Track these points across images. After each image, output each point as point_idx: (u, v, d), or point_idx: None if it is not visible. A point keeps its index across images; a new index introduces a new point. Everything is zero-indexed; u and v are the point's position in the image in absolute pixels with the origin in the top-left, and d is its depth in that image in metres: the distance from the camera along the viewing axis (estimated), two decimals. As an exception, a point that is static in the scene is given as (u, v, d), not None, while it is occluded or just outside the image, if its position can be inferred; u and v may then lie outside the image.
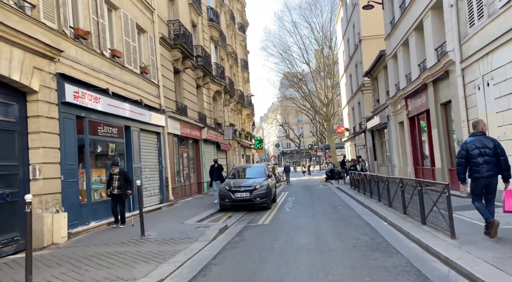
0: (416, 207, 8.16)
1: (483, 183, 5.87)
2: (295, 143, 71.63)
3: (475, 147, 5.89)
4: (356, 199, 14.30)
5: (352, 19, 29.71)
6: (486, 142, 5.91)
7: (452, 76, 11.17)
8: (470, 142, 5.99)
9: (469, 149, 5.93)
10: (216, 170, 15.28)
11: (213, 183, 15.22)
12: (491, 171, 5.80)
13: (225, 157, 26.59)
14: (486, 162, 5.80)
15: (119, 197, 9.73)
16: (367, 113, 25.90)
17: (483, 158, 5.81)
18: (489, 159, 5.80)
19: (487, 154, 5.82)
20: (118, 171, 9.81)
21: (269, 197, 13.34)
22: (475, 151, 5.86)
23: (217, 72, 24.49)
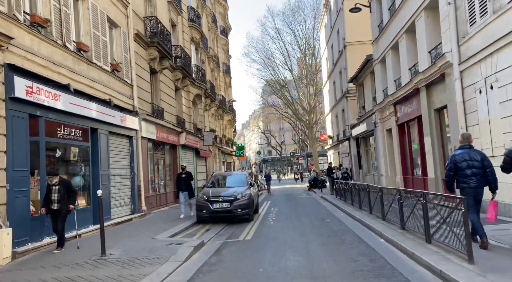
0: (417, 222, 7.25)
1: (471, 193, 6.02)
2: (277, 151, 70.84)
3: (464, 160, 6.11)
4: (344, 210, 13.36)
5: (336, 25, 29.22)
6: (474, 154, 6.15)
7: (449, 80, 10.44)
8: (459, 154, 6.21)
9: (457, 161, 6.15)
10: (184, 179, 12.99)
11: (180, 194, 13.04)
12: (478, 182, 6.03)
13: (204, 163, 25.37)
14: (474, 174, 6.03)
15: (58, 212, 7.65)
16: (351, 121, 25.23)
17: (471, 170, 6.04)
18: (476, 171, 6.03)
19: (474, 166, 6.05)
20: (57, 181, 7.71)
21: (251, 207, 12.25)
22: (463, 163, 6.08)
23: (198, 75, 23.37)
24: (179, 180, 13.20)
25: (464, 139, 6.42)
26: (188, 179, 13.08)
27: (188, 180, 13.04)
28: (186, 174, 13.13)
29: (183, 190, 12.97)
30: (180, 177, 13.15)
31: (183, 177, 13.01)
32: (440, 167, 11.71)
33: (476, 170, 6.04)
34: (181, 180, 13.03)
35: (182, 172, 13.25)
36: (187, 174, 13.16)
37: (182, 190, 12.98)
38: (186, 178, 12.98)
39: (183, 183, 12.98)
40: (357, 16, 25.85)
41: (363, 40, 25.16)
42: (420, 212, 6.95)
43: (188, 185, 13.05)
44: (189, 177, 13.15)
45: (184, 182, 12.96)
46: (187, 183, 13.01)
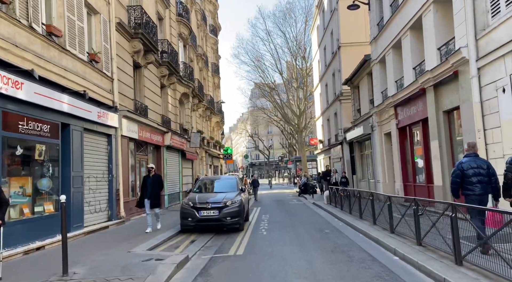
0: (441, 238, 6.17)
1: (476, 200, 6.11)
2: (265, 155, 69.72)
3: (470, 167, 6.24)
4: (342, 219, 12.28)
5: (330, 26, 28.38)
6: (481, 162, 6.33)
7: (463, 78, 9.48)
8: (466, 162, 6.33)
9: (464, 169, 6.27)
10: (152, 184, 10.47)
11: (145, 202, 10.50)
12: (483, 189, 6.15)
13: (191, 166, 24.04)
14: (479, 181, 6.17)
15: None
16: (345, 125, 24.30)
17: (477, 178, 6.18)
18: (482, 178, 6.18)
19: (481, 174, 6.19)
20: None
21: (242, 216, 11.06)
22: (470, 171, 6.22)
23: (185, 73, 22.11)
24: (144, 184, 10.68)
25: (470, 148, 6.57)
26: (156, 183, 10.60)
27: (156, 185, 10.56)
28: (154, 177, 10.64)
29: (148, 196, 10.45)
30: (147, 180, 10.63)
31: (152, 180, 10.54)
32: (448, 173, 10.72)
33: (482, 178, 6.18)
34: (148, 184, 10.51)
35: (149, 174, 10.71)
36: (155, 178, 10.64)
37: (147, 197, 10.47)
38: (154, 182, 10.53)
39: (149, 188, 10.47)
40: (352, 16, 25.10)
41: (358, 41, 24.41)
42: (446, 227, 5.89)
43: (155, 191, 10.55)
44: (157, 181, 10.66)
45: (151, 187, 10.48)
46: (154, 189, 10.53)
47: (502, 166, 8.06)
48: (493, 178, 6.23)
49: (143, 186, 10.71)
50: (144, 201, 10.58)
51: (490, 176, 6.21)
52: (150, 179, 10.58)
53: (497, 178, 6.22)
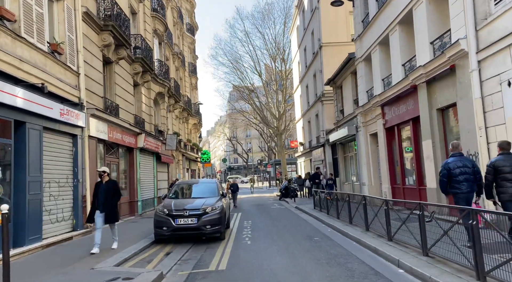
0: (448, 247, 5.41)
1: (463, 198, 6.38)
2: (243, 158, 68.77)
3: (457, 166, 6.49)
4: (330, 225, 11.46)
5: (311, 25, 27.83)
6: (466, 162, 6.59)
7: (461, 72, 8.86)
8: (452, 161, 6.58)
9: (450, 168, 6.52)
10: (105, 193, 8.17)
11: (96, 214, 8.20)
12: (470, 187, 6.45)
13: (166, 170, 22.79)
14: (466, 180, 6.44)
15: None
16: (327, 126, 23.68)
17: (464, 176, 6.44)
18: (468, 176, 6.44)
19: (467, 172, 6.45)
20: None
21: (224, 223, 10.07)
22: (456, 170, 6.46)
23: (160, 71, 20.92)
24: (96, 192, 8.31)
25: (454, 148, 6.82)
26: (111, 191, 8.26)
27: (110, 194, 8.22)
28: (108, 183, 8.33)
29: (101, 208, 8.14)
30: (99, 188, 8.28)
31: (106, 187, 8.24)
32: (443, 175, 10.08)
33: (468, 176, 6.45)
34: (101, 192, 8.21)
35: (102, 180, 8.38)
36: (109, 184, 8.33)
37: (100, 209, 8.15)
38: (108, 189, 8.22)
39: (101, 198, 8.17)
40: (334, 16, 24.64)
41: (340, 41, 23.95)
42: (460, 235, 5.12)
43: (109, 201, 8.22)
44: (112, 189, 8.30)
45: (103, 196, 8.16)
46: (108, 198, 8.19)
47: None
48: (478, 175, 6.57)
49: (94, 195, 8.33)
50: (96, 213, 8.20)
51: (476, 174, 6.54)
52: (103, 186, 8.26)
53: (481, 176, 6.54)
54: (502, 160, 5.99)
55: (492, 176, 6.00)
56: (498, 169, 5.94)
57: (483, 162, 8.08)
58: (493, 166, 6.00)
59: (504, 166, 5.90)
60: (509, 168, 5.86)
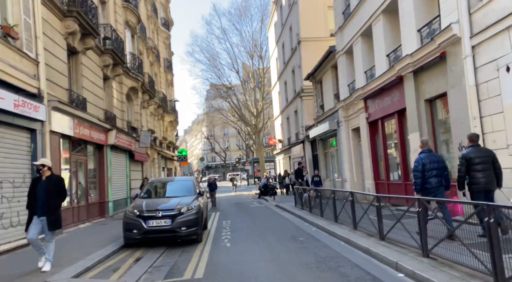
0: (455, 248, 4.82)
1: (432, 192, 6.59)
2: (221, 157, 67.73)
3: (429, 162, 6.70)
4: (314, 223, 10.82)
5: (289, 21, 27.28)
6: (435, 157, 6.85)
7: (453, 59, 8.37)
8: (424, 157, 6.76)
9: (424, 164, 6.69)
10: (45, 191, 6.34)
11: (34, 220, 6.32)
12: (439, 182, 6.67)
13: (140, 169, 21.65)
14: (436, 175, 6.65)
15: None
16: (307, 122, 23.16)
17: (433, 172, 6.66)
18: (438, 172, 6.67)
19: (436, 167, 6.69)
20: None
21: (200, 224, 9.23)
22: (428, 166, 6.67)
23: (133, 65, 19.79)
24: (30, 193, 6.50)
25: (424, 145, 7.05)
26: (52, 189, 6.41)
27: (50, 192, 6.37)
28: (50, 179, 6.51)
29: (40, 211, 6.28)
30: (38, 185, 6.45)
31: (42, 187, 6.38)
32: (432, 169, 9.61)
33: (438, 171, 6.70)
34: (40, 191, 6.35)
35: (40, 176, 6.53)
36: (51, 181, 6.49)
37: (39, 213, 6.29)
38: (49, 187, 6.38)
39: (41, 198, 6.30)
40: (312, 10, 24.16)
41: (319, 36, 23.49)
42: (469, 235, 4.52)
43: (49, 202, 6.33)
44: (53, 187, 6.44)
45: (43, 196, 6.30)
46: (48, 199, 6.32)
47: (505, 157, 6.96)
48: (446, 171, 6.84)
49: (30, 194, 6.47)
50: (33, 218, 6.34)
51: (444, 169, 6.80)
52: (42, 183, 6.42)
53: (449, 172, 7.01)
54: (473, 152, 6.33)
55: (465, 167, 6.29)
56: (469, 160, 6.26)
57: (478, 154, 7.60)
58: (465, 158, 6.29)
59: (475, 157, 6.25)
60: (479, 160, 6.23)
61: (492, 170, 6.22)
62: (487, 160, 6.21)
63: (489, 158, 6.24)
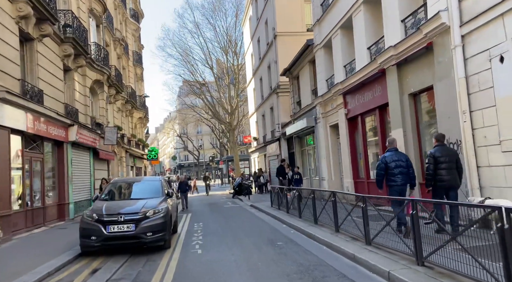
0: (454, 256, 4.22)
1: (398, 190, 6.93)
2: (194, 155, 66.30)
3: (393, 160, 7.03)
4: (293, 225, 10.15)
5: (264, 15, 26.56)
6: (400, 156, 7.15)
7: (441, 50, 7.87)
8: (388, 156, 7.11)
9: (387, 162, 7.03)
10: None
11: None
12: (404, 180, 6.98)
13: (106, 168, 20.33)
14: (400, 173, 6.96)
15: None
16: (283, 119, 22.54)
17: (399, 169, 6.97)
18: (402, 170, 6.97)
19: (401, 166, 7.00)
20: None
21: (169, 229, 8.34)
22: (392, 164, 6.99)
23: (98, 56, 18.48)
24: None
25: (390, 144, 7.30)
26: None
27: None
28: None
29: None
30: None
31: None
32: (417, 166, 9.14)
33: (403, 169, 6.90)
34: None
35: None
36: None
37: None
38: None
39: None
40: (288, 4, 23.52)
41: (296, 31, 22.93)
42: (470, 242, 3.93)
43: None
44: None
45: None
46: None
47: (497, 155, 6.50)
48: (411, 169, 7.06)
49: None
50: None
51: (409, 168, 7.01)
52: None
53: (413, 169, 7.15)
54: (439, 151, 6.66)
55: (433, 165, 6.59)
56: (436, 159, 6.58)
57: (468, 151, 7.14)
58: (433, 156, 6.61)
59: (441, 156, 6.57)
60: (444, 158, 6.56)
61: (455, 169, 6.62)
62: (451, 159, 6.61)
63: (453, 157, 6.64)
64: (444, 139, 6.95)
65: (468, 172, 7.10)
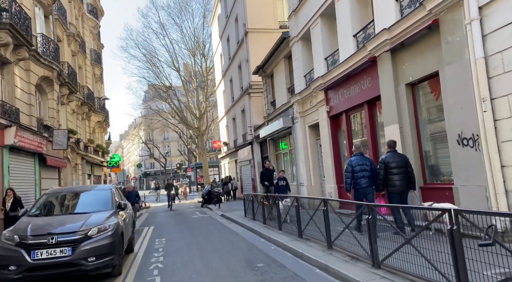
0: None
1: (362, 192, 7.34)
2: (160, 163, 63.42)
3: (357, 164, 7.37)
4: (272, 240, 8.56)
5: (234, 11, 25.11)
6: (365, 160, 7.48)
7: (450, 27, 6.59)
8: (354, 160, 7.45)
9: (353, 166, 7.36)
10: None
11: None
12: (368, 183, 7.32)
13: (57, 177, 17.92)
14: (364, 176, 7.32)
15: None
16: (256, 121, 21.03)
17: (363, 173, 7.33)
18: (366, 173, 7.34)
19: (366, 169, 7.36)
20: None
21: (118, 251, 6.50)
22: (357, 167, 7.36)
23: (46, 50, 16.23)
24: None
25: (357, 148, 7.75)
26: None
27: None
28: None
29: None
30: None
31: None
32: (416, 167, 7.83)
33: (367, 173, 7.34)
34: None
35: None
36: None
37: None
38: None
39: None
40: (259, 0, 22.24)
41: (268, 27, 21.62)
42: None
43: None
44: None
45: None
46: None
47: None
48: (375, 173, 7.32)
49: None
50: None
51: (373, 171, 7.32)
52: None
53: (377, 173, 7.28)
54: (391, 157, 7.04)
55: (384, 170, 6.99)
56: (387, 164, 6.96)
57: (490, 147, 5.85)
58: (384, 162, 7.02)
59: (392, 162, 6.95)
60: (395, 164, 6.93)
61: (406, 174, 6.94)
62: (403, 164, 6.94)
63: (404, 163, 6.96)
64: (395, 146, 7.24)
65: (490, 173, 5.81)
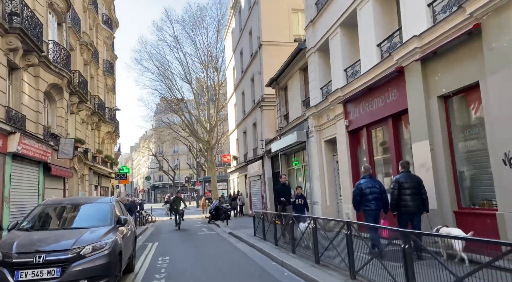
0: None
1: (372, 215, 7.37)
2: (169, 176, 62.93)
3: (367, 187, 7.50)
4: (285, 264, 7.76)
5: (248, 24, 24.82)
6: (374, 183, 7.65)
7: (495, 33, 5.88)
8: (363, 182, 7.59)
9: (363, 188, 7.51)
10: None
11: None
12: (377, 205, 7.43)
13: (62, 187, 17.37)
14: (374, 199, 7.43)
15: None
16: (267, 135, 20.35)
17: (373, 196, 7.43)
18: (376, 196, 7.44)
19: (375, 192, 7.47)
20: None
21: (115, 272, 5.79)
22: (367, 190, 7.47)
23: (57, 57, 15.94)
24: None
25: (366, 171, 7.83)
26: None
27: None
28: None
29: None
30: None
31: None
32: (449, 187, 7.00)
33: (376, 195, 7.43)
34: None
35: None
36: None
37: None
38: None
39: None
40: (275, 12, 21.79)
41: (282, 41, 21.19)
42: None
43: None
44: None
45: None
46: None
47: None
48: (384, 195, 7.55)
49: None
50: None
51: (382, 194, 7.53)
52: None
53: (386, 195, 7.56)
54: (404, 177, 7.00)
55: (397, 190, 6.93)
56: (400, 185, 6.92)
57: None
58: (398, 182, 6.97)
59: (405, 182, 6.90)
60: (407, 184, 6.88)
61: (419, 195, 6.86)
62: (416, 185, 6.88)
63: (417, 184, 6.89)
64: (409, 166, 7.19)
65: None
